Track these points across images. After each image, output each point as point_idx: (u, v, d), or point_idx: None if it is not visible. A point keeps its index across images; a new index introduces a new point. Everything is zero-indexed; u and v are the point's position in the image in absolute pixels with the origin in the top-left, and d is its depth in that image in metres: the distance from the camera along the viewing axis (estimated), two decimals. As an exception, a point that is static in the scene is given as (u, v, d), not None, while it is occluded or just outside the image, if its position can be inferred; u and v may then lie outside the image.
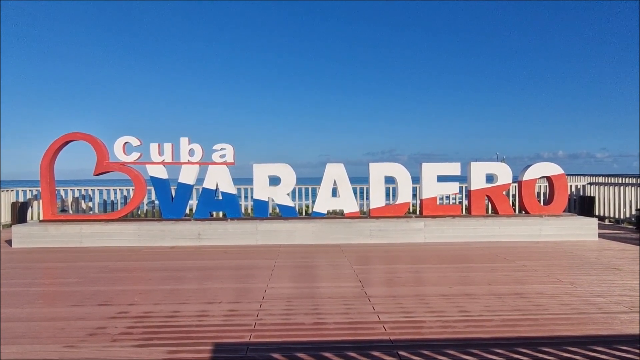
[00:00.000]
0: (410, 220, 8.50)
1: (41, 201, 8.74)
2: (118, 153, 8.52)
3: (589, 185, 12.01)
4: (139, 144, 8.59)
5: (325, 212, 8.88)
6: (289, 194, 8.86)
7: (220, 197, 8.81)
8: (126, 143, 8.55)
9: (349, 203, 8.85)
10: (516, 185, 9.57)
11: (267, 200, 8.94)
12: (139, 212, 11.80)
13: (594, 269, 5.87)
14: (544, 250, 7.25)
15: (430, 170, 8.79)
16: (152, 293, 4.90)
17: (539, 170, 8.90)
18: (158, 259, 6.97)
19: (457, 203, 11.55)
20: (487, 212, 9.30)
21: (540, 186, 11.89)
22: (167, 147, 8.60)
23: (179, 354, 3.22)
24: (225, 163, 8.67)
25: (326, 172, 8.79)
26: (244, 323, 3.84)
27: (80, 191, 11.89)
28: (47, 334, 3.63)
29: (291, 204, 8.91)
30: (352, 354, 3.16)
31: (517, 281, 5.22)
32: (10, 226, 10.41)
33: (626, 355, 3.09)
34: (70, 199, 11.61)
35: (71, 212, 11.28)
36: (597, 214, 11.31)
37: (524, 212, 8.97)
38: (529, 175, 8.84)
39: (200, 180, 8.87)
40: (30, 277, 5.77)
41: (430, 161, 8.83)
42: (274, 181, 8.84)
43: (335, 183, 8.79)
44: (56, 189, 10.23)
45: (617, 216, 10.98)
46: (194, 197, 9.97)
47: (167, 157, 8.61)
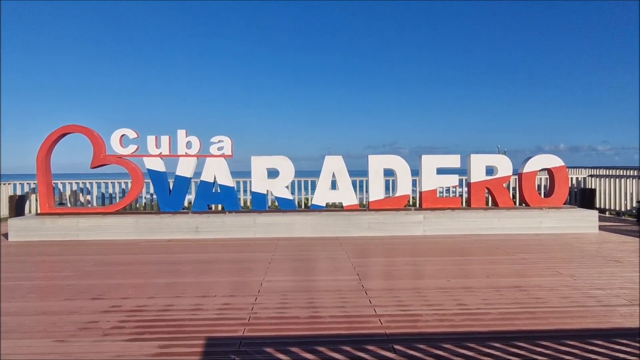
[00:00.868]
0: (410, 212, 8.44)
1: (38, 194, 8.68)
2: (115, 146, 8.44)
3: (589, 178, 11.93)
4: (136, 136, 8.51)
5: (324, 204, 8.81)
6: (287, 187, 8.79)
7: (219, 190, 8.75)
8: (123, 135, 8.47)
9: (348, 196, 8.78)
10: (516, 177, 9.49)
11: (265, 193, 8.87)
12: (137, 205, 11.75)
13: (594, 261, 5.81)
14: (544, 243, 7.19)
15: (429, 163, 8.70)
16: (146, 287, 4.85)
17: (539, 162, 8.82)
18: (155, 252, 6.92)
19: (457, 196, 11.48)
20: (487, 204, 9.22)
21: (540, 178, 11.81)
22: (165, 139, 8.52)
23: (170, 348, 3.17)
24: (223, 155, 8.59)
25: (325, 164, 8.71)
26: (238, 317, 3.79)
27: (78, 184, 11.84)
28: (38, 328, 3.58)
29: (290, 196, 8.85)
30: (347, 348, 3.11)
31: (517, 274, 5.16)
32: (8, 219, 10.36)
33: (625, 349, 3.03)
34: (68, 192, 11.56)
35: (69, 205, 11.23)
36: (597, 206, 11.23)
37: (524, 205, 8.90)
38: (529, 168, 8.76)
39: (198, 173, 8.80)
40: (25, 271, 5.73)
41: (431, 154, 8.73)
42: (273, 174, 8.77)
43: (334, 175, 8.71)
44: (54, 182, 10.20)
45: (617, 208, 10.90)
46: (192, 190, 9.92)
47: (165, 150, 8.53)
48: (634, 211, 10.28)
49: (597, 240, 7.37)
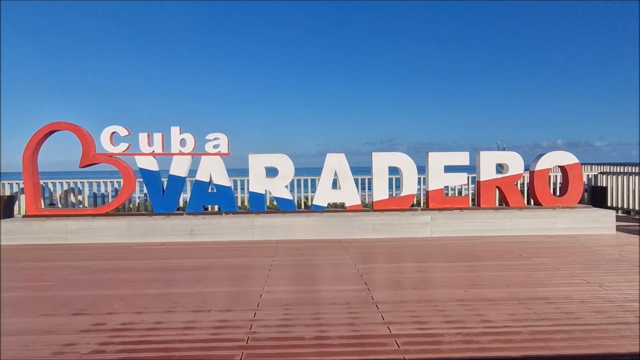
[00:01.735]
0: (416, 213, 8.01)
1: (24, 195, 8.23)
2: (105, 144, 7.99)
3: (600, 175, 11.51)
4: (127, 134, 8.06)
5: (326, 205, 8.37)
6: (287, 186, 8.35)
7: (214, 190, 8.30)
8: (114, 133, 8.02)
9: (350, 195, 8.34)
10: (527, 175, 9.07)
11: (264, 193, 8.42)
12: (130, 205, 11.29)
13: (619, 267, 5.39)
14: (560, 246, 6.77)
15: (436, 160, 8.27)
16: (135, 299, 4.41)
17: (552, 160, 8.39)
18: (146, 257, 6.48)
19: (465, 195, 11.05)
20: (497, 204, 8.80)
21: (550, 176, 11.38)
22: (157, 137, 8.07)
23: (156, 379, 2.74)
24: (219, 154, 8.14)
25: (326, 162, 8.27)
26: (235, 337, 3.35)
27: (69, 184, 11.36)
28: (7, 354, 3.14)
29: (289, 196, 8.41)
30: (361, 378, 2.68)
31: (539, 283, 4.74)
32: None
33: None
34: (59, 192, 11.09)
35: (60, 206, 10.76)
36: (609, 205, 10.81)
37: (536, 204, 8.48)
38: (541, 165, 8.34)
39: (193, 172, 8.35)
40: (5, 279, 5.27)
41: (429, 150, 8.31)
42: (271, 173, 8.33)
43: (336, 174, 8.27)
44: (44, 181, 9.74)
45: (630, 207, 10.48)
46: (188, 190, 9.46)
47: (157, 148, 8.08)
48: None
49: (616, 243, 6.95)
